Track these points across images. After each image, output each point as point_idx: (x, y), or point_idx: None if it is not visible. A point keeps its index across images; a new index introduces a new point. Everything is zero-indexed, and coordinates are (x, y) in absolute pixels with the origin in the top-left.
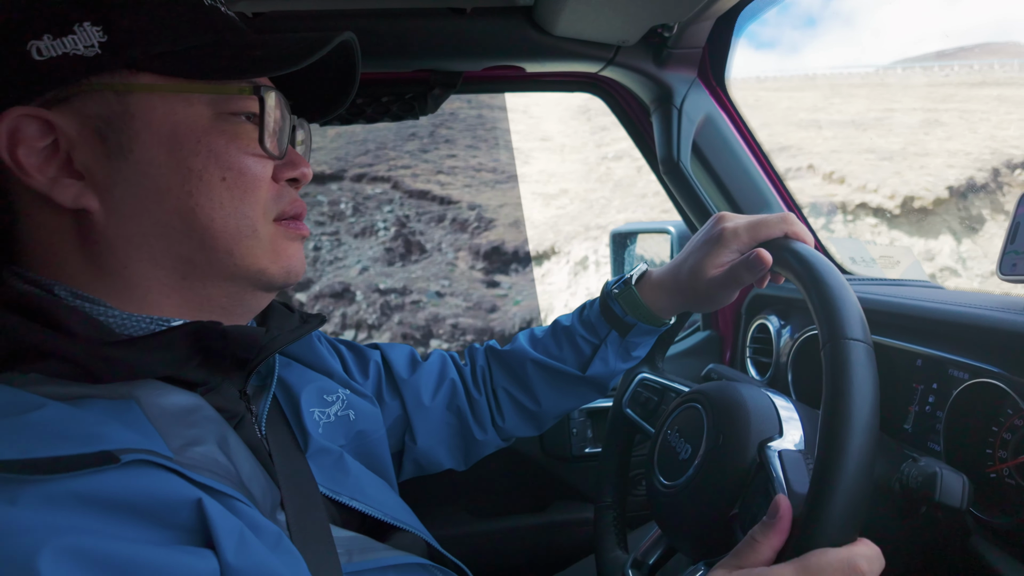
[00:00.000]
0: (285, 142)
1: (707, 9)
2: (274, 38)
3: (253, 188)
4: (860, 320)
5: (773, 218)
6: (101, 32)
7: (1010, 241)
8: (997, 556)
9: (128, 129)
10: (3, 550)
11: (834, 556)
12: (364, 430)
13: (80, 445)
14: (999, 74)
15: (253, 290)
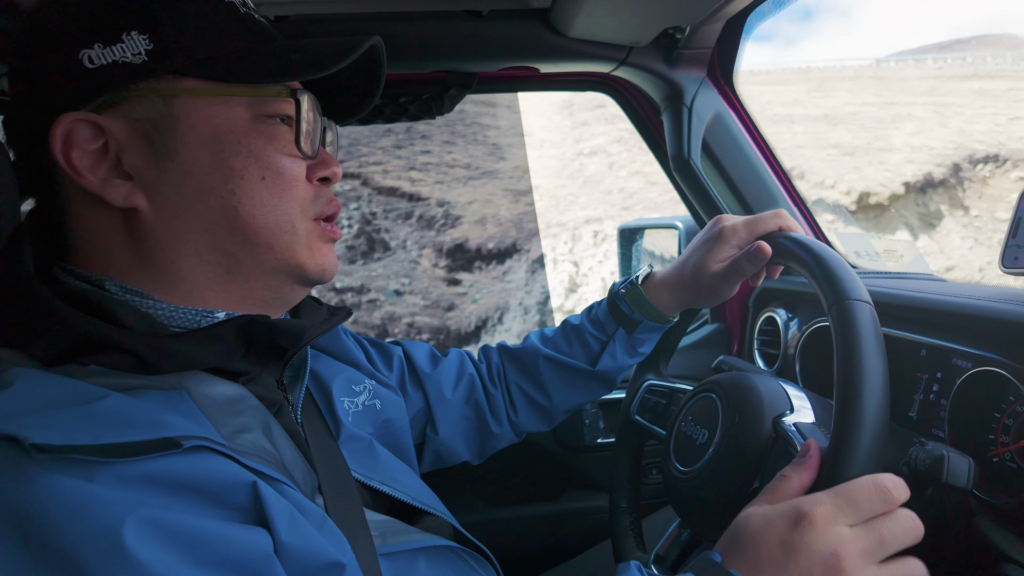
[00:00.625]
0: (317, 143)
1: (719, 11)
2: (308, 43)
3: (291, 186)
4: (859, 284)
5: (767, 215)
6: (147, 40)
7: (1012, 235)
8: (1000, 535)
9: (173, 131)
10: (88, 520)
11: (863, 480)
12: (390, 419)
13: (145, 432)
14: (991, 67)
15: (292, 284)
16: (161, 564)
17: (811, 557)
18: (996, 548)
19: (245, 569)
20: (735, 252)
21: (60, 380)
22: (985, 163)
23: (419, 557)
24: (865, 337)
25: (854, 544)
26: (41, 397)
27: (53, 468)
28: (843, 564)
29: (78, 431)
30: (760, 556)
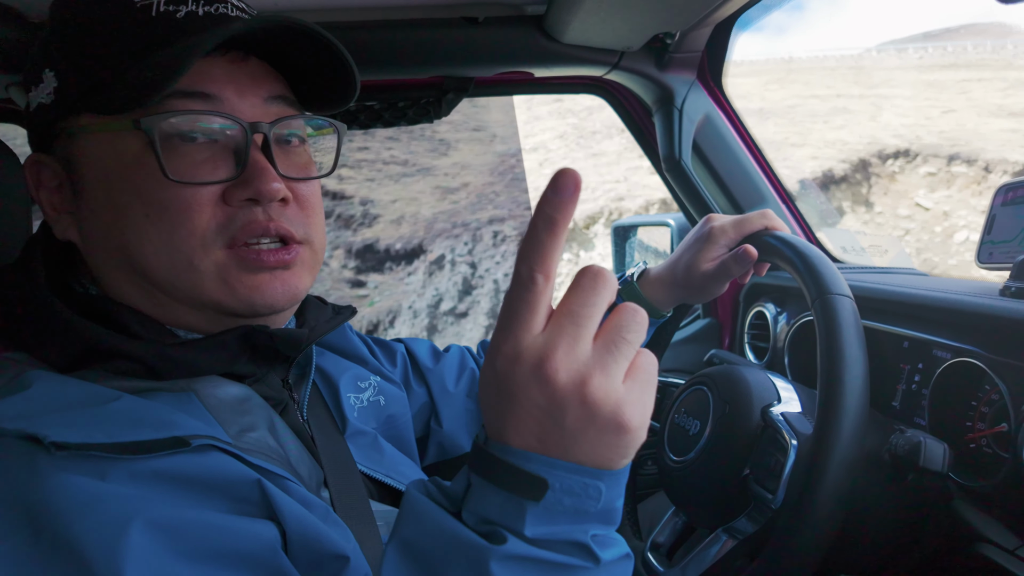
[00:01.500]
0: (231, 162)
1: (707, 17)
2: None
3: (181, 220)
4: (841, 279)
5: (754, 215)
6: (55, 77)
7: (987, 232)
8: (976, 516)
9: (79, 169)
10: (97, 515)
11: None
12: (394, 414)
13: (155, 431)
14: (971, 56)
15: (226, 317)
16: (164, 558)
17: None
18: (972, 528)
19: (252, 560)
20: (724, 252)
21: (75, 383)
22: (896, 158)
23: None
24: (846, 328)
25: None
26: (59, 398)
27: (67, 466)
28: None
29: (94, 430)
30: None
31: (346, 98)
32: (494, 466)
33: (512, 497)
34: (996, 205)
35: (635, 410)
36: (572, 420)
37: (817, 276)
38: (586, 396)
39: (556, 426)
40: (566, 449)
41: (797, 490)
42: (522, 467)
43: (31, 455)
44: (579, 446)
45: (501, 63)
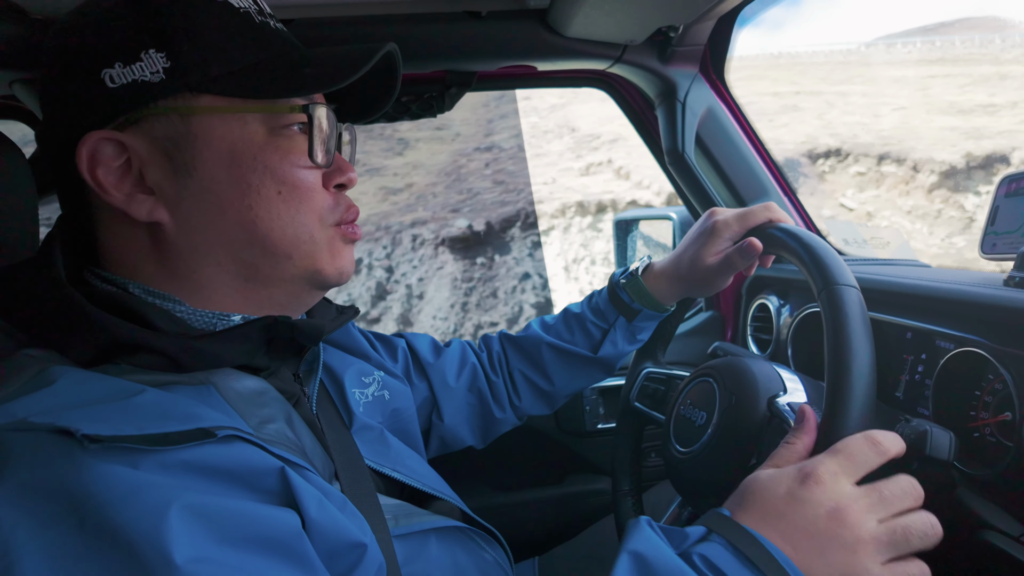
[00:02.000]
0: (332, 150)
1: (711, 11)
2: (321, 53)
3: (307, 198)
4: (846, 269)
5: (758, 208)
6: (164, 58)
7: (990, 223)
8: (981, 504)
9: (191, 148)
10: (137, 503)
11: (856, 437)
12: (398, 408)
13: (182, 423)
14: (959, 51)
15: (310, 289)
16: (204, 543)
17: (816, 509)
18: (977, 516)
19: (279, 546)
20: (728, 245)
21: (99, 377)
22: (827, 157)
23: (431, 538)
24: (852, 318)
25: (857, 500)
26: (84, 393)
27: (102, 457)
28: (847, 517)
29: (122, 423)
30: (767, 509)
31: (374, 112)
32: (745, 540)
33: (751, 567)
34: (1000, 196)
35: None
36: (833, 555)
37: (823, 267)
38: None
39: (818, 550)
40: (811, 567)
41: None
42: (773, 554)
43: (66, 447)
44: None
45: (504, 57)
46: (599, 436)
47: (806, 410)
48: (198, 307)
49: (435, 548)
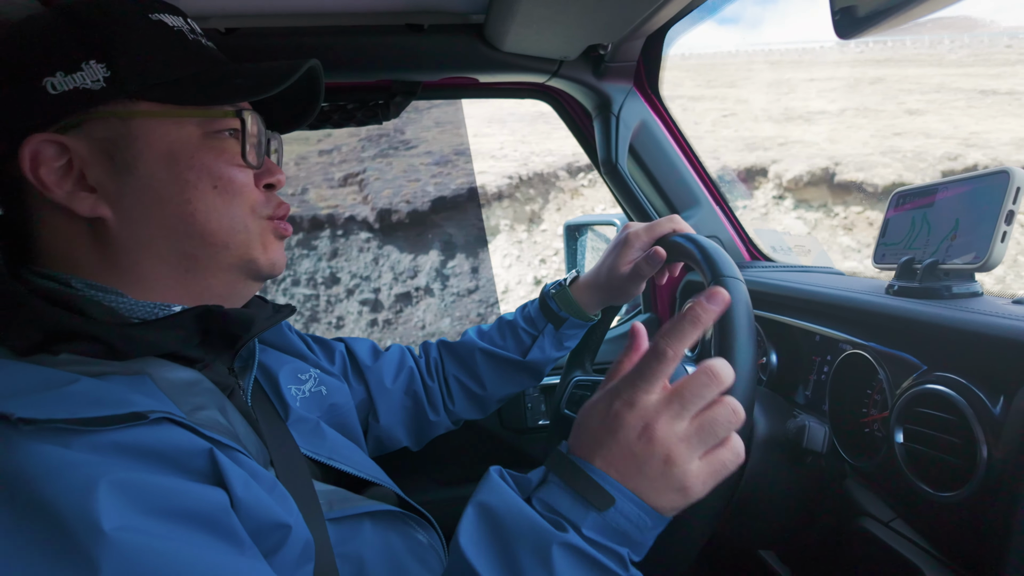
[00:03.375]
0: (263, 154)
1: (637, 30)
2: (250, 67)
3: (240, 192)
4: (732, 264)
5: (663, 220)
6: (105, 68)
7: (881, 235)
8: (861, 493)
9: (132, 149)
10: (65, 479)
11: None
12: (336, 403)
13: (114, 408)
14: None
15: (245, 279)
16: (132, 517)
17: (628, 432)
18: (858, 504)
19: (207, 520)
20: (639, 255)
21: (33, 368)
22: (589, 171)
23: (364, 521)
24: (737, 306)
25: (660, 411)
26: (18, 383)
27: (35, 437)
28: (655, 432)
29: (56, 408)
30: (592, 439)
31: (298, 124)
32: (576, 474)
33: (583, 500)
34: (890, 211)
35: (699, 482)
36: (651, 468)
37: (712, 263)
38: (670, 458)
39: (637, 468)
40: (636, 485)
41: None
42: (600, 483)
43: (1, 430)
44: (647, 488)
45: (446, 69)
46: (540, 432)
47: (636, 327)
48: (140, 299)
49: (369, 531)
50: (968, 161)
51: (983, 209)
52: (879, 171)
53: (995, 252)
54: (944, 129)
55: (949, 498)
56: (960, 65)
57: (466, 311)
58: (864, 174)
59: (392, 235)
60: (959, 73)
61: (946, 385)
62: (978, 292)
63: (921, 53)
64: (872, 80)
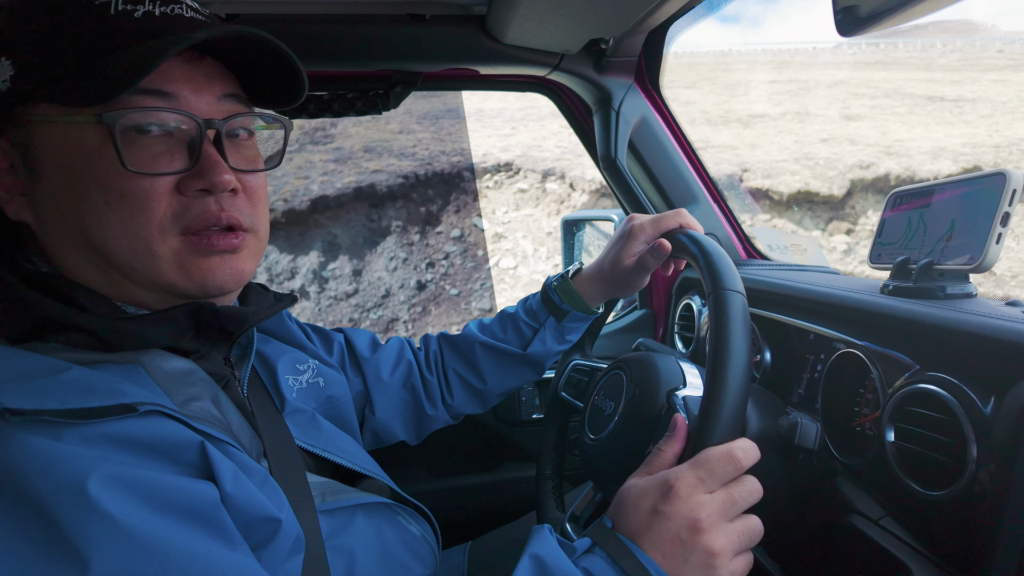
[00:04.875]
0: (185, 155)
1: (639, 25)
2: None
3: (140, 209)
4: (736, 277)
5: (670, 213)
6: (11, 66)
7: (878, 235)
8: (852, 491)
9: (38, 156)
10: (56, 473)
11: (717, 449)
12: (333, 395)
13: (105, 398)
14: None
15: (180, 298)
16: (122, 511)
17: (678, 522)
18: (848, 501)
19: (196, 514)
20: (643, 248)
21: (26, 355)
22: (496, 172)
23: (357, 513)
24: (734, 321)
25: (710, 508)
26: (10, 370)
27: (24, 429)
28: (702, 525)
29: (46, 398)
30: (639, 522)
31: (294, 97)
32: (623, 553)
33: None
34: (887, 212)
35: None
36: (695, 560)
37: (715, 272)
38: (714, 552)
39: (683, 558)
40: (677, 574)
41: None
42: (646, 567)
43: None
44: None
45: (447, 60)
46: (534, 425)
47: (678, 419)
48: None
49: (361, 523)
50: (880, 170)
51: (979, 210)
52: (786, 179)
53: (990, 253)
54: (871, 136)
55: (938, 497)
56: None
57: (341, 315)
58: (771, 181)
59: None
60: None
61: (938, 384)
62: (972, 293)
63: (913, 56)
64: (832, 83)
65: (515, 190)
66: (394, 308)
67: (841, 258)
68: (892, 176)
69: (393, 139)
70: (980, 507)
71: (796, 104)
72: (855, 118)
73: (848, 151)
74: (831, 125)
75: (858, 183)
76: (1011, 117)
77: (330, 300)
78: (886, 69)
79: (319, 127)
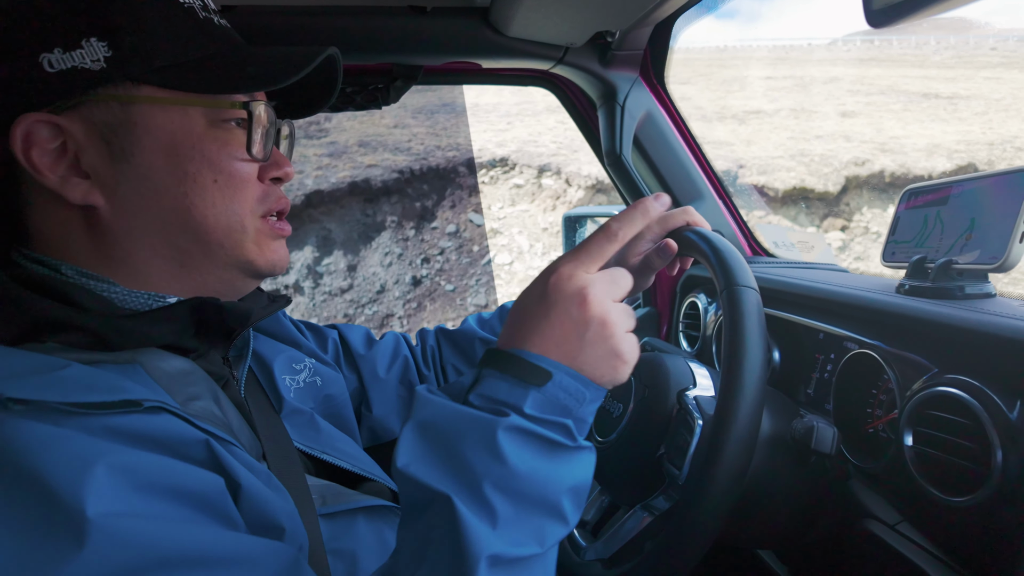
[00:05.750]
0: (270, 145)
1: (646, 18)
2: (263, 53)
3: (242, 188)
4: (748, 272)
5: (676, 211)
6: (107, 48)
7: (892, 233)
8: (867, 495)
9: (131, 136)
10: (61, 451)
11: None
12: (331, 394)
13: (107, 394)
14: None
15: (243, 277)
16: (126, 492)
17: (564, 303)
18: (863, 506)
19: (203, 500)
20: (650, 247)
21: (23, 353)
22: (492, 167)
23: (358, 516)
24: (749, 318)
25: (595, 285)
26: (8, 367)
27: (26, 415)
28: (589, 298)
29: (47, 391)
30: (525, 324)
31: (315, 111)
32: (510, 360)
33: (520, 383)
34: (900, 208)
35: (632, 349)
36: (591, 336)
37: (727, 268)
38: (606, 322)
39: (577, 337)
40: (574, 358)
41: (698, 467)
42: (535, 362)
43: None
44: (585, 359)
45: (449, 53)
46: None
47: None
48: (134, 288)
49: (363, 526)
50: (875, 167)
51: (1001, 208)
52: (781, 175)
53: (1013, 253)
54: (867, 133)
55: (961, 503)
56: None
57: (335, 311)
58: (766, 178)
59: None
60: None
61: (959, 388)
62: (992, 293)
63: (908, 53)
64: (827, 79)
65: (511, 185)
66: (389, 304)
67: (836, 255)
68: (887, 173)
69: (388, 134)
70: (1006, 513)
71: (792, 100)
72: (850, 115)
73: (843, 148)
74: (826, 122)
75: (853, 180)
76: (1005, 114)
77: (324, 296)
78: (881, 66)
79: (313, 121)
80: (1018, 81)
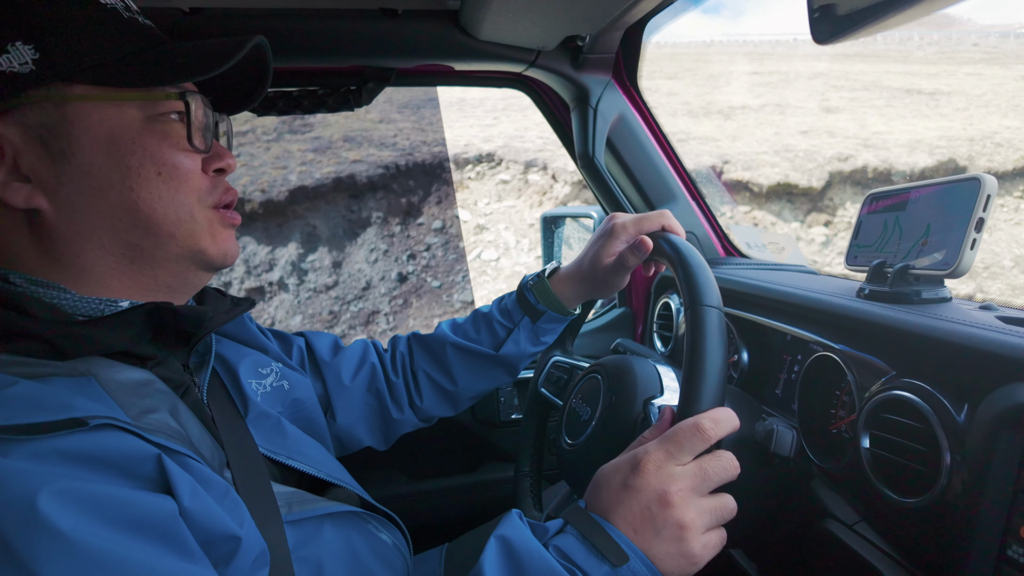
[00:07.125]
0: (210, 137)
1: (616, 21)
2: (193, 45)
3: (187, 180)
4: (714, 291)
5: (654, 214)
6: (33, 50)
7: (855, 237)
8: (827, 494)
9: (68, 135)
10: (4, 491)
11: (685, 422)
12: (299, 398)
13: (54, 413)
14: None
15: (196, 270)
16: (75, 527)
17: (647, 495)
18: (823, 505)
19: (154, 529)
20: (624, 247)
21: None
22: (479, 163)
23: (324, 523)
24: (710, 338)
25: (681, 482)
26: None
27: None
28: (672, 498)
29: None
30: (610, 498)
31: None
32: (594, 528)
33: (598, 554)
34: (863, 212)
35: (707, 552)
36: (667, 534)
37: (692, 285)
38: (685, 526)
39: (654, 532)
40: (648, 548)
41: None
42: (616, 540)
43: None
44: (657, 552)
45: (421, 56)
46: (512, 426)
47: (667, 410)
48: (85, 294)
49: (329, 532)
50: (858, 163)
51: (954, 215)
52: (766, 171)
53: (965, 259)
54: (850, 128)
55: (912, 504)
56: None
57: (320, 308)
58: (751, 173)
59: (250, 226)
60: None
61: (912, 392)
62: (947, 297)
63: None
64: (811, 75)
65: (497, 181)
66: (375, 300)
67: (819, 250)
68: (870, 168)
69: (373, 128)
70: (954, 515)
71: (776, 96)
72: (834, 110)
73: (827, 143)
74: (811, 117)
75: (836, 175)
76: (985, 111)
77: (309, 292)
78: (865, 61)
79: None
80: (999, 77)
